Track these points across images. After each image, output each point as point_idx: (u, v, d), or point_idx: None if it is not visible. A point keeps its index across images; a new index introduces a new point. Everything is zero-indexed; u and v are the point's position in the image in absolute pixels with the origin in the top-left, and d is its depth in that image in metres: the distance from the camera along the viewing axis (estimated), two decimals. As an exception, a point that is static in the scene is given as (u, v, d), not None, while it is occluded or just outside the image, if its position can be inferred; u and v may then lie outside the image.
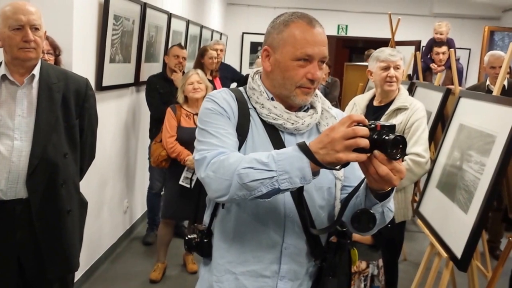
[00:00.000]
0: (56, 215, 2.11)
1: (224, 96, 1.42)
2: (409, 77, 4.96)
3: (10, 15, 1.97)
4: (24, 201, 2.04)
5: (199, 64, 4.58)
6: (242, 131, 1.38)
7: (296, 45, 1.34)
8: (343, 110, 3.09)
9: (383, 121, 2.68)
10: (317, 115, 1.43)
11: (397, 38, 5.68)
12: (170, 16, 4.85)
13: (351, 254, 1.48)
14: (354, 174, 1.41)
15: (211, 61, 4.62)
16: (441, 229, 2.44)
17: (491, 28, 7.78)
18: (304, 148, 1.17)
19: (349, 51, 11.98)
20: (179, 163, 3.41)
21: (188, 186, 3.42)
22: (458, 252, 2.15)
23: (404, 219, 2.85)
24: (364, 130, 1.12)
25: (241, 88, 1.48)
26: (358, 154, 1.12)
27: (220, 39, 7.45)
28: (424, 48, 6.17)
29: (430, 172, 2.78)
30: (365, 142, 1.11)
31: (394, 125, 1.16)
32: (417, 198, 3.46)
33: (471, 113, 2.60)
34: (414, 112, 2.71)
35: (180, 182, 3.41)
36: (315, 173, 1.19)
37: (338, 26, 9.09)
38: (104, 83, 3.44)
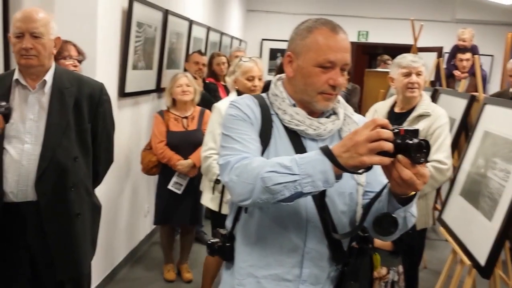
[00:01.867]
0: (65, 218, 2.14)
1: (247, 103, 1.43)
2: (432, 83, 4.91)
3: (14, 22, 2.04)
4: (34, 204, 2.08)
5: (210, 72, 4.63)
6: (264, 137, 1.39)
7: (319, 52, 1.35)
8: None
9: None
10: (339, 121, 1.44)
11: (419, 44, 5.64)
12: (191, 23, 4.90)
13: (372, 260, 1.47)
14: (376, 179, 1.40)
15: (219, 67, 4.64)
16: (464, 237, 2.40)
17: (516, 34, 7.67)
18: (326, 151, 1.18)
19: (369, 57, 11.91)
20: (170, 169, 3.41)
21: (178, 191, 3.42)
22: (482, 259, 2.12)
23: (425, 227, 2.83)
24: (388, 133, 1.12)
25: (263, 94, 1.49)
26: (382, 157, 1.13)
27: (240, 45, 7.50)
28: (448, 54, 6.10)
29: (453, 180, 2.75)
30: (389, 145, 1.12)
31: (418, 130, 1.16)
32: (438, 206, 3.41)
33: (496, 120, 2.56)
34: (436, 119, 2.69)
35: (169, 187, 3.41)
36: (338, 177, 1.19)
37: (359, 32, 9.06)
38: (127, 90, 3.49)
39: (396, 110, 2.86)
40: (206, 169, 2.83)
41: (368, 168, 1.17)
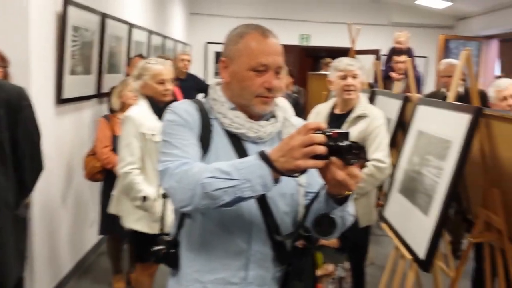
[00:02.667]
0: None
1: (185, 108, 1.43)
2: (370, 85, 5.07)
3: None
4: None
5: None
6: (204, 142, 1.40)
7: (251, 56, 1.38)
8: (307, 118, 3.15)
9: (344, 128, 2.74)
10: (278, 124, 1.47)
11: (358, 47, 5.81)
12: (131, 26, 4.81)
13: (315, 258, 1.51)
14: (315, 180, 1.43)
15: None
16: (404, 232, 2.50)
17: (446, 36, 8.08)
18: (264, 156, 1.21)
19: (313, 60, 12.16)
20: (115, 175, 3.34)
21: None
22: (421, 253, 2.21)
23: (368, 224, 2.91)
24: (320, 137, 1.16)
25: (202, 99, 1.50)
26: (316, 161, 1.17)
27: (184, 49, 7.45)
28: (385, 57, 6.33)
29: (392, 177, 2.85)
30: (321, 149, 1.16)
31: (348, 132, 1.20)
32: (382, 203, 3.53)
33: (429, 120, 2.69)
34: (373, 119, 2.78)
35: (114, 193, 3.34)
36: (277, 180, 1.22)
37: (301, 35, 9.23)
38: (65, 96, 3.38)
39: (336, 111, 2.94)
40: (127, 187, 2.60)
41: (303, 171, 1.21)
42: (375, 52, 8.55)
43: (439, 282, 2.59)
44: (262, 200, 1.36)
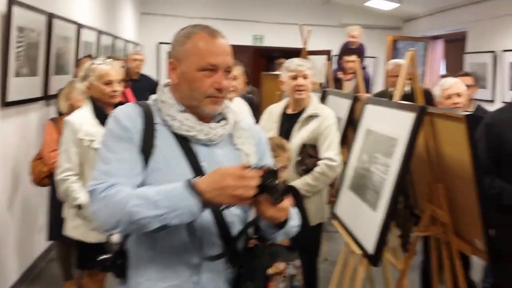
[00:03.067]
0: None
1: (128, 113, 1.40)
2: (322, 85, 5.18)
3: None
4: None
5: None
6: (147, 149, 1.37)
7: (200, 56, 1.37)
8: (260, 119, 3.17)
9: (296, 128, 2.79)
10: (229, 126, 1.47)
11: (310, 47, 5.91)
12: (79, 26, 4.69)
13: (267, 259, 1.53)
14: None
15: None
16: (354, 228, 2.57)
17: (394, 37, 8.34)
18: (192, 187, 1.23)
19: (267, 60, 12.23)
20: None
21: None
22: (370, 248, 2.28)
23: (321, 221, 2.97)
24: (254, 180, 1.22)
25: (150, 101, 1.47)
26: (244, 200, 1.23)
27: (136, 49, 7.32)
28: (337, 56, 6.45)
29: (343, 175, 2.93)
30: (253, 192, 1.22)
31: (277, 170, 1.27)
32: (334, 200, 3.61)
33: (376, 119, 2.78)
34: (325, 119, 2.84)
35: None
36: (205, 207, 1.26)
37: (254, 36, 9.27)
38: (10, 98, 3.26)
39: (289, 111, 2.99)
40: (64, 193, 2.58)
41: (231, 205, 1.28)
42: (326, 52, 8.71)
43: (388, 275, 2.69)
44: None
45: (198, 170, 1.37)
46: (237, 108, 2.99)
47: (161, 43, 8.93)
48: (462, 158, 2.31)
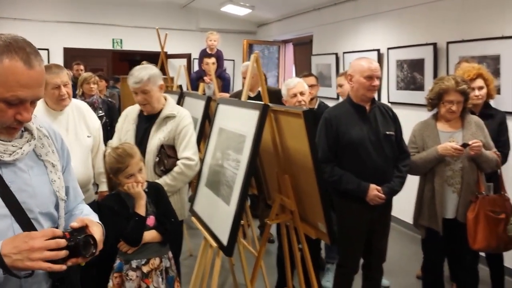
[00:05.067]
0: None
1: None
2: (180, 87, 5.26)
3: None
4: None
5: None
6: None
7: (7, 87, 1.21)
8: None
9: (154, 129, 2.83)
10: (34, 141, 1.37)
11: (170, 51, 5.95)
12: None
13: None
14: (77, 193, 1.57)
15: None
16: (211, 223, 2.70)
17: (249, 41, 8.77)
18: None
19: (129, 63, 11.96)
20: None
21: None
22: (225, 240, 2.42)
23: (181, 219, 3.03)
24: (63, 242, 1.22)
25: None
26: (51, 265, 1.19)
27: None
28: (198, 60, 6.58)
29: (200, 173, 3.04)
30: (63, 253, 1.21)
31: (84, 227, 1.30)
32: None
33: (227, 117, 2.94)
34: (181, 119, 2.92)
35: None
36: (5, 272, 1.18)
37: (113, 40, 9.02)
38: None
39: (145, 113, 3.00)
40: None
41: (32, 272, 1.24)
42: (186, 56, 8.85)
43: (244, 262, 2.87)
44: (26, 224, 1.31)
45: (6, 194, 1.28)
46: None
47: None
48: (303, 150, 2.56)
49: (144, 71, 2.88)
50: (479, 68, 3.47)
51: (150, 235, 2.39)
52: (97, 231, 1.33)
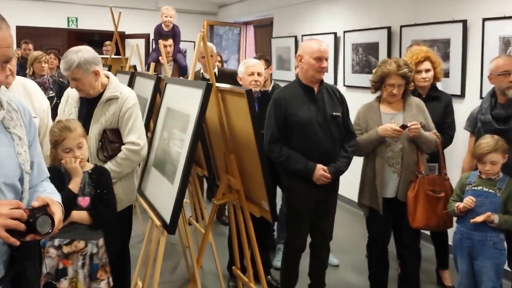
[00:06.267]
0: None
1: None
2: (134, 67, 5.17)
3: None
4: None
5: None
6: None
7: None
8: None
9: (97, 111, 2.71)
10: (3, 112, 1.42)
11: (128, 31, 5.78)
12: None
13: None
14: (42, 169, 1.58)
15: None
16: (156, 202, 2.69)
17: (210, 22, 8.67)
18: None
19: (87, 43, 11.62)
20: None
21: None
22: (168, 218, 2.42)
23: (130, 203, 2.93)
24: (23, 215, 1.27)
25: None
26: (9, 236, 1.25)
27: None
28: (153, 40, 6.42)
29: (148, 153, 2.97)
30: (22, 227, 1.27)
31: (45, 206, 1.34)
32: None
33: (174, 97, 2.91)
34: (124, 101, 2.73)
35: None
36: None
37: (68, 18, 8.75)
38: None
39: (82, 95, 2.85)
40: None
41: None
42: (145, 36, 8.66)
43: (190, 242, 2.88)
44: None
45: None
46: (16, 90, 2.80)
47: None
48: (247, 130, 2.57)
49: (75, 56, 2.66)
50: (427, 51, 3.56)
51: (78, 216, 2.30)
52: (57, 210, 1.38)
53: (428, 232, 3.87)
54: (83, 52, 2.68)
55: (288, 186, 3.12)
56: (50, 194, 1.51)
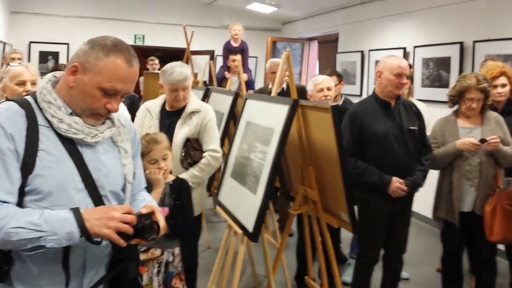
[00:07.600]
0: None
1: (11, 115, 1.36)
2: (205, 83, 5.35)
3: None
4: None
5: None
6: (32, 152, 1.35)
7: (108, 79, 1.38)
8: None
9: (179, 124, 2.86)
10: (115, 128, 1.53)
11: (193, 48, 6.04)
12: None
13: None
14: (141, 180, 1.70)
15: None
16: (235, 211, 2.79)
17: (273, 38, 8.83)
18: (77, 214, 1.31)
19: (145, 59, 12.08)
20: None
21: None
22: (250, 227, 2.50)
23: (202, 210, 3.06)
24: (133, 219, 1.36)
25: (29, 98, 1.44)
26: (119, 238, 1.33)
27: (4, 49, 6.86)
28: (222, 57, 6.59)
29: (225, 164, 3.12)
30: (132, 231, 1.35)
31: (151, 213, 1.42)
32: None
33: (255, 112, 3.02)
34: (206, 114, 2.96)
35: None
36: (83, 236, 1.31)
37: (135, 35, 9.18)
38: None
39: (168, 108, 3.04)
40: None
41: (101, 240, 1.38)
42: (209, 52, 8.94)
43: (267, 253, 2.95)
44: (98, 199, 1.43)
45: (84, 171, 1.41)
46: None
47: (32, 42, 8.47)
48: (329, 143, 2.63)
49: (185, 69, 2.92)
50: (502, 66, 3.50)
51: None
52: (161, 218, 1.46)
53: (503, 247, 3.76)
54: (185, 66, 2.99)
55: (362, 199, 3.13)
56: (150, 203, 1.58)
